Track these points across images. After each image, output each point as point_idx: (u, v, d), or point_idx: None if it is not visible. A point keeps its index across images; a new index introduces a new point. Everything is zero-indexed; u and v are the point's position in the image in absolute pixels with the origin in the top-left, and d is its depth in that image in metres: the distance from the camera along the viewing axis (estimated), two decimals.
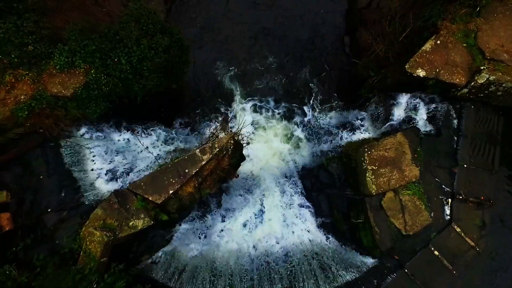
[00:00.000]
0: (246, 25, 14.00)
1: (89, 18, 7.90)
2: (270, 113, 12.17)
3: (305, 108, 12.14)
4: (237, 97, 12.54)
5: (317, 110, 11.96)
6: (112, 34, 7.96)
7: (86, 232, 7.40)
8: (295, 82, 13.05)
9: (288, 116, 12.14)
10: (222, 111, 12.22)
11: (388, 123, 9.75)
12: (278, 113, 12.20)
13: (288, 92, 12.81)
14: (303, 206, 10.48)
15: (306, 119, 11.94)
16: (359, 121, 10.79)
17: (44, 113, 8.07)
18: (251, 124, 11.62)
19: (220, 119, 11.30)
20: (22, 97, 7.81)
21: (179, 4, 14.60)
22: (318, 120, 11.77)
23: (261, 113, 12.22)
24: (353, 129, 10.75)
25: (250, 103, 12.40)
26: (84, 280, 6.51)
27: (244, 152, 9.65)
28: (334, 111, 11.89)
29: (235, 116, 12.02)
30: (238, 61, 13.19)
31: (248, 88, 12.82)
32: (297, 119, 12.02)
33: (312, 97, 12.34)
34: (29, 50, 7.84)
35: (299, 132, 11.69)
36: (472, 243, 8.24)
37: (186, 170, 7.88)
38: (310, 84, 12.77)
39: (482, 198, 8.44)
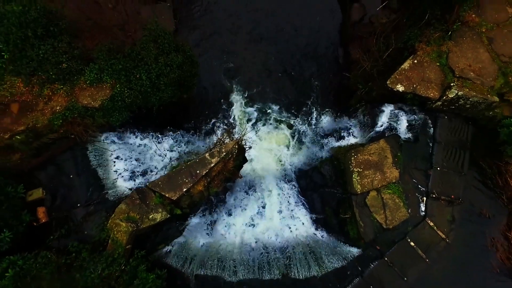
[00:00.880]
0: (248, 36, 15.22)
1: (115, 40, 9.19)
2: (269, 119, 13.46)
3: (302, 115, 13.43)
4: (239, 104, 13.83)
5: (312, 117, 13.27)
6: (134, 54, 9.28)
7: (113, 223, 8.72)
8: (293, 91, 14.35)
9: (286, 122, 13.43)
10: (226, 117, 13.55)
11: (374, 130, 11.06)
12: (277, 119, 13.50)
13: (286, 99, 14.09)
14: (299, 204, 11.76)
15: (302, 125, 13.23)
16: (349, 128, 12.11)
17: (75, 121, 9.38)
18: (252, 129, 12.94)
19: (225, 126, 12.59)
20: (58, 108, 9.12)
21: (186, 16, 15.88)
22: (313, 126, 13.08)
23: (261, 119, 13.52)
24: (343, 135, 12.06)
25: (251, 109, 13.70)
26: (114, 262, 7.82)
27: (246, 155, 10.97)
28: (327, 118, 13.21)
29: (237, 122, 13.33)
30: (240, 69, 14.44)
31: (249, 95, 14.10)
32: (294, 125, 13.32)
33: (308, 105, 13.65)
34: (64, 67, 9.13)
35: (295, 137, 12.99)
36: (443, 236, 9.55)
37: (198, 171, 9.20)
38: (306, 93, 14.06)
39: (452, 196, 9.76)
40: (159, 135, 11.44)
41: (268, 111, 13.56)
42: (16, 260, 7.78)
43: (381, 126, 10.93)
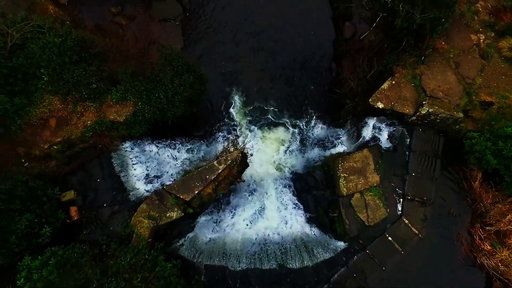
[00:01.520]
0: (248, 50, 16.81)
1: (138, 64, 10.80)
2: (268, 129, 15.08)
3: (297, 125, 15.06)
4: (241, 114, 15.46)
5: (307, 127, 14.89)
6: (153, 76, 10.90)
7: (136, 220, 10.33)
8: (290, 102, 15.97)
9: (284, 132, 15.06)
10: (229, 125, 15.16)
11: (359, 140, 12.69)
12: (275, 129, 15.11)
13: (284, 110, 15.71)
14: (295, 204, 13.36)
15: (298, 134, 14.86)
16: (338, 137, 13.73)
17: (103, 134, 10.99)
18: (253, 138, 14.56)
19: (229, 135, 14.20)
20: (89, 122, 10.73)
21: (192, 32, 17.46)
22: (307, 135, 14.71)
23: (261, 128, 15.13)
24: (333, 143, 13.69)
25: (252, 119, 15.32)
26: (139, 252, 9.42)
27: (248, 161, 12.58)
28: (320, 128, 14.83)
29: (240, 131, 14.95)
30: (241, 81, 16.04)
31: (250, 105, 15.72)
32: (291, 134, 14.94)
33: (303, 116, 15.27)
34: (93, 88, 10.75)
35: (292, 145, 14.61)
36: (417, 232, 11.17)
37: (207, 176, 10.81)
38: (302, 105, 15.69)
39: (425, 198, 11.38)
40: (172, 144, 13.04)
41: (267, 121, 15.17)
42: (57, 250, 9.37)
43: (366, 136, 12.55)
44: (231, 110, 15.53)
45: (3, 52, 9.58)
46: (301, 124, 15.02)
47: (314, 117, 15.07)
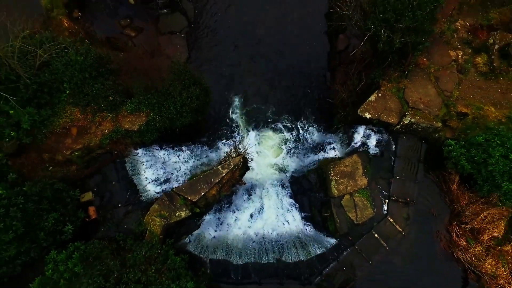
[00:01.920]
0: (249, 59, 18.00)
1: (150, 79, 12.04)
2: (267, 135, 16.31)
3: (294, 131, 16.29)
4: (242, 122, 16.69)
5: (303, 133, 16.13)
6: (164, 89, 12.15)
7: (149, 219, 11.58)
8: (287, 109, 17.19)
9: (282, 137, 16.29)
10: (232, 131, 16.39)
11: (350, 146, 13.94)
12: (274, 135, 16.34)
13: (282, 117, 16.93)
14: (291, 204, 14.57)
15: (294, 140, 16.09)
16: (331, 143, 14.97)
17: (118, 141, 12.23)
18: (254, 144, 15.79)
19: (231, 140, 15.44)
20: (106, 131, 11.98)
21: (196, 43, 18.67)
22: (304, 141, 15.94)
23: (260, 134, 16.36)
24: (327, 149, 14.93)
25: (253, 126, 16.55)
26: (153, 247, 10.66)
27: (249, 165, 13.81)
28: (315, 135, 16.07)
29: (241, 137, 16.18)
30: (242, 88, 17.25)
31: (250, 113, 16.95)
32: (288, 140, 16.17)
33: (300, 124, 16.51)
34: (110, 100, 11.99)
35: (289, 150, 15.84)
36: (400, 229, 12.42)
37: (212, 180, 12.06)
38: (298, 113, 16.92)
39: (408, 199, 12.63)
40: (179, 149, 14.28)
41: (266, 127, 16.41)
42: (79, 245, 10.60)
43: (356, 143, 13.79)
44: (232, 116, 16.76)
45: (32, 70, 10.80)
46: (297, 131, 16.24)
47: (310, 123, 16.30)
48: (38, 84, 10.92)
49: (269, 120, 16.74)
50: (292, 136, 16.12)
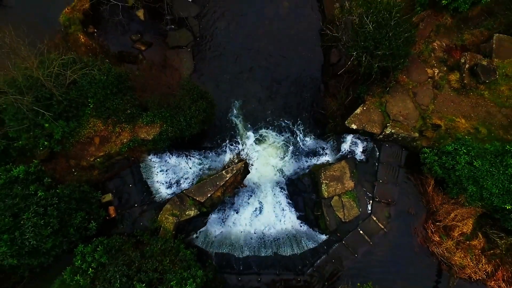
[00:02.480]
0: (250, 72, 19.61)
1: (163, 95, 13.74)
2: (266, 141, 18.00)
3: (290, 139, 17.98)
4: (243, 130, 18.36)
5: (298, 141, 17.81)
6: (175, 104, 13.85)
7: (163, 217, 13.28)
8: (284, 118, 18.86)
9: (279, 144, 17.98)
10: (234, 138, 18.06)
11: (340, 153, 15.66)
12: (273, 141, 18.02)
13: (279, 126, 18.63)
14: (287, 204, 16.26)
15: (291, 146, 17.77)
16: (323, 149, 16.69)
17: (135, 149, 13.93)
18: (254, 150, 17.48)
19: (234, 146, 17.13)
20: (125, 140, 13.68)
21: (201, 57, 20.32)
22: (299, 148, 17.63)
23: (260, 141, 18.05)
24: (319, 155, 16.65)
25: (253, 134, 18.22)
26: (167, 241, 12.36)
27: (249, 169, 15.51)
28: (310, 142, 17.77)
29: (243, 144, 17.86)
30: (243, 98, 18.88)
31: (251, 122, 18.62)
32: (285, 146, 17.86)
33: (296, 131, 18.19)
34: (128, 113, 13.69)
35: (286, 156, 17.53)
36: (382, 226, 14.14)
37: (217, 183, 13.77)
38: (295, 121, 18.60)
39: (389, 200, 14.35)
40: (187, 155, 15.98)
41: (265, 136, 18.11)
42: (102, 240, 12.31)
43: (345, 150, 15.52)
44: (234, 124, 18.44)
45: (62, 88, 12.49)
46: (293, 138, 17.94)
47: (305, 132, 17.99)
48: (68, 100, 12.62)
49: (268, 128, 18.42)
50: (289, 143, 17.80)
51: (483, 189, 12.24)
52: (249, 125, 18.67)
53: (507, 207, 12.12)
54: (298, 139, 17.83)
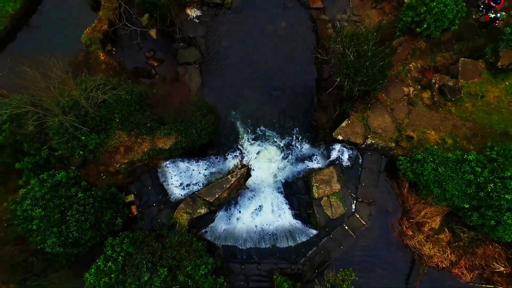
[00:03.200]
0: (251, 85, 21.92)
1: (177, 111, 16.16)
2: (266, 148, 20.43)
3: (287, 146, 20.41)
4: (245, 138, 20.78)
5: (294, 148, 20.25)
6: (188, 118, 16.27)
7: (178, 215, 15.73)
8: (282, 128, 21.29)
9: (277, 151, 20.41)
10: (237, 145, 20.48)
11: (329, 160, 18.11)
12: (271, 148, 20.45)
13: (277, 134, 21.06)
14: (284, 204, 18.68)
15: (287, 153, 20.21)
16: (315, 156, 19.14)
17: (154, 156, 16.37)
18: (255, 157, 19.91)
19: (237, 154, 19.57)
20: (145, 149, 16.13)
21: (207, 71, 22.71)
22: (294, 154, 20.07)
23: (260, 148, 20.46)
24: (312, 161, 19.09)
25: (253, 142, 20.64)
26: (182, 235, 14.80)
27: (251, 173, 17.95)
28: (304, 149, 20.20)
29: (245, 152, 20.28)
30: (245, 110, 21.23)
31: (251, 131, 21.04)
32: (283, 152, 20.29)
33: (291, 139, 20.62)
34: (148, 126, 16.13)
35: (283, 161, 19.97)
36: (364, 223, 16.59)
37: (224, 186, 16.22)
38: (291, 131, 21.02)
39: (370, 200, 16.80)
40: (197, 161, 18.42)
41: (264, 143, 20.54)
42: (128, 234, 14.76)
43: (333, 157, 17.98)
44: (237, 131, 20.86)
45: (94, 106, 14.91)
46: (290, 146, 20.37)
47: (300, 140, 20.42)
48: (99, 116, 15.06)
49: (267, 136, 20.85)
50: (285, 150, 20.25)
51: (446, 191, 14.71)
52: (250, 133, 21.08)
53: (466, 206, 14.60)
54: (293, 146, 20.26)
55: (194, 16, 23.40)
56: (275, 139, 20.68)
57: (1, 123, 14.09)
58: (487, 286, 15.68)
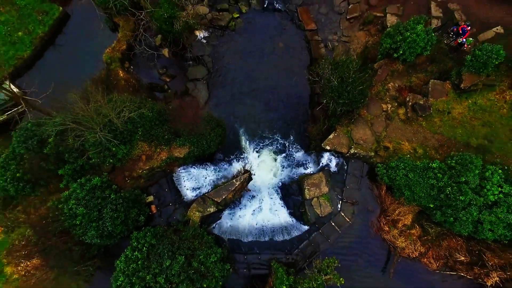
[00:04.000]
0: (252, 98, 24.83)
1: (190, 125, 19.15)
2: (265, 156, 23.42)
3: (283, 153, 23.40)
4: (246, 146, 23.77)
5: (290, 156, 23.24)
6: (199, 131, 19.25)
7: (191, 213, 18.74)
8: (280, 136, 24.29)
9: (275, 158, 23.39)
10: (240, 152, 23.45)
11: (319, 166, 21.11)
12: (269, 155, 23.43)
13: (276, 143, 24.04)
14: (280, 204, 21.68)
15: (284, 159, 23.18)
16: (308, 163, 22.13)
17: (170, 163, 19.37)
18: (255, 162, 22.89)
19: (241, 161, 22.56)
20: (163, 157, 19.13)
21: (214, 86, 25.68)
22: (290, 161, 23.06)
23: (260, 154, 23.45)
24: (305, 167, 22.09)
25: (254, 149, 23.63)
26: (195, 229, 17.78)
27: (252, 177, 20.95)
28: (299, 155, 23.18)
29: (246, 155, 23.26)
30: (247, 120, 24.19)
31: (252, 139, 24.02)
32: (280, 158, 23.26)
33: (288, 148, 23.60)
34: (166, 138, 19.12)
35: (280, 167, 22.95)
36: (348, 220, 19.58)
37: (229, 188, 19.22)
38: (287, 139, 24.01)
39: (354, 201, 19.79)
40: (205, 167, 21.42)
41: (263, 151, 23.53)
42: (150, 228, 17.77)
43: (323, 164, 20.97)
44: (239, 140, 23.85)
45: (122, 123, 17.87)
46: (286, 153, 23.36)
47: (294, 148, 23.41)
48: (126, 131, 18.07)
49: (266, 144, 23.83)
50: (282, 157, 23.23)
51: (414, 193, 17.71)
52: (251, 142, 24.07)
53: (431, 206, 17.60)
54: (289, 154, 23.26)
55: (202, 37, 26.40)
56: (273, 147, 23.67)
57: (46, 137, 17.08)
58: (451, 273, 18.68)
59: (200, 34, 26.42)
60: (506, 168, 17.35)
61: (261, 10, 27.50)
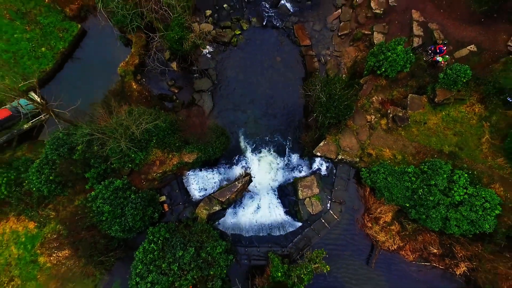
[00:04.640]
0: (252, 108, 27.53)
1: (198, 134, 21.91)
2: (264, 160, 26.16)
3: (281, 158, 26.13)
4: (247, 151, 26.50)
5: (286, 159, 25.98)
6: (206, 140, 22.00)
7: (199, 211, 21.51)
8: (277, 142, 27.03)
9: (273, 162, 26.12)
10: (241, 159, 26.19)
11: (311, 170, 23.87)
12: (268, 159, 26.17)
13: (273, 147, 26.78)
14: (278, 203, 24.41)
15: (281, 163, 25.92)
16: (301, 167, 24.89)
17: (181, 167, 22.14)
18: (255, 165, 25.63)
19: (242, 165, 25.30)
20: (174, 162, 21.89)
21: (218, 96, 28.38)
22: (286, 165, 25.80)
23: (259, 158, 26.19)
24: (299, 170, 24.84)
25: (254, 154, 26.38)
26: (203, 225, 20.55)
27: (252, 179, 23.71)
28: (294, 160, 25.92)
29: (246, 159, 26.00)
30: (247, 128, 26.86)
31: (252, 145, 26.77)
32: (278, 162, 26.00)
33: (286, 152, 26.33)
34: (177, 145, 21.89)
35: (277, 171, 25.68)
36: (336, 217, 22.34)
37: (232, 189, 21.99)
38: (284, 145, 26.74)
39: (341, 200, 22.55)
40: (211, 170, 24.19)
41: (262, 155, 26.27)
42: (163, 225, 20.55)
43: (315, 168, 23.73)
44: (240, 146, 26.58)
45: (140, 133, 20.61)
46: (283, 158, 26.09)
47: (291, 153, 26.14)
48: (144, 139, 20.84)
49: (264, 149, 26.57)
50: (279, 161, 25.98)
51: (392, 194, 20.47)
52: (251, 147, 26.82)
53: (407, 205, 20.36)
54: (285, 159, 26.01)
55: (207, 52, 29.10)
56: (271, 153, 26.41)
57: (75, 145, 19.86)
58: (425, 263, 21.45)
59: (205, 49, 29.10)
60: (471, 172, 20.11)
61: (261, 27, 30.19)
